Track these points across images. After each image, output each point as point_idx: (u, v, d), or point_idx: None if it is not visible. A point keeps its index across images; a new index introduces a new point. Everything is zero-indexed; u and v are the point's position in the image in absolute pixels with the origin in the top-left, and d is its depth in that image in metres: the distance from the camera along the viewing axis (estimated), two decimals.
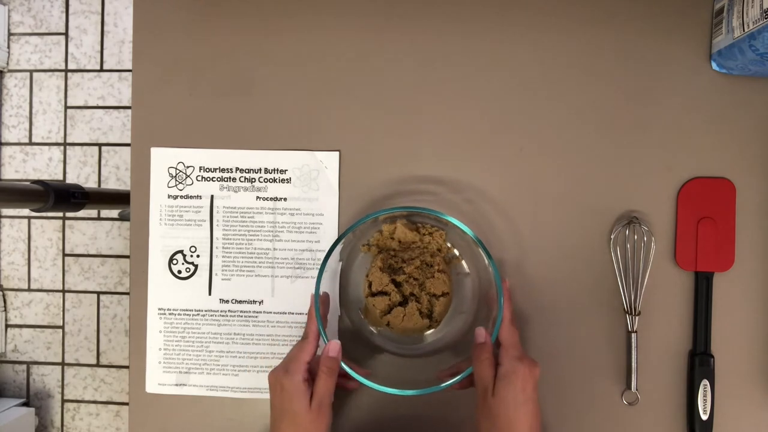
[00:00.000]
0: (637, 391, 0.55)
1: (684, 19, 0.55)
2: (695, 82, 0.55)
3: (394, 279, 0.54)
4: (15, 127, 1.49)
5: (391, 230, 0.54)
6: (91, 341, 1.48)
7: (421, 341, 0.56)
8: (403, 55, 0.58)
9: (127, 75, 1.47)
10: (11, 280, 1.49)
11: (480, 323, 0.53)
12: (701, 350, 0.54)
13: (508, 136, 0.57)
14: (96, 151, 1.47)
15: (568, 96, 0.57)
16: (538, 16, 0.57)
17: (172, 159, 0.59)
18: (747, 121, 0.55)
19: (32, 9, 1.48)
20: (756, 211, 0.55)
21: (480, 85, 0.57)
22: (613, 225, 0.56)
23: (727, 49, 0.52)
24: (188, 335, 0.59)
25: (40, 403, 1.49)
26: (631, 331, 0.55)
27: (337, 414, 0.57)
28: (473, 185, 0.57)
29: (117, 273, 1.47)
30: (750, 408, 0.55)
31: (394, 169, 0.58)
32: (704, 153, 0.55)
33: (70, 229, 1.48)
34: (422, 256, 0.54)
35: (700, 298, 0.55)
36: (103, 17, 1.48)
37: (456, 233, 0.55)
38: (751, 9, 0.46)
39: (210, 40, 0.60)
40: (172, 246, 0.59)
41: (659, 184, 0.56)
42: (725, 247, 0.55)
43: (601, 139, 0.56)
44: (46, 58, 1.48)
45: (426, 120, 0.58)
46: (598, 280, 0.56)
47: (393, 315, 0.53)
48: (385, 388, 0.49)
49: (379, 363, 0.54)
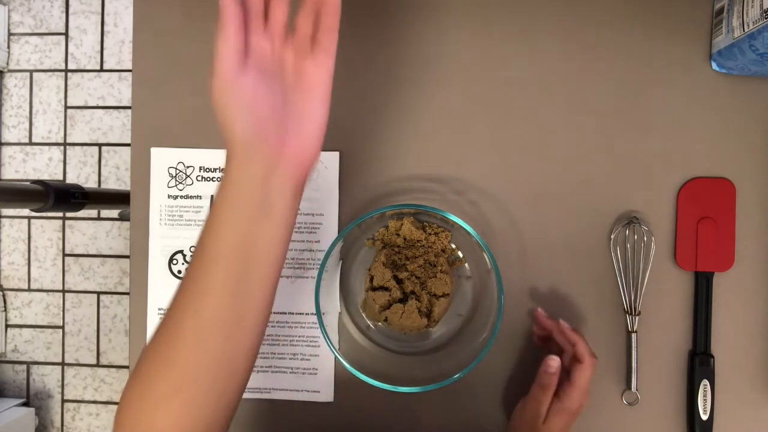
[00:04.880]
0: (637, 391, 0.55)
1: (684, 19, 0.55)
2: (695, 82, 0.55)
3: (396, 275, 0.54)
4: (15, 127, 1.49)
5: (397, 226, 0.54)
6: (91, 341, 1.48)
7: (417, 340, 0.56)
8: (403, 56, 0.58)
9: (127, 75, 1.47)
10: (11, 280, 1.49)
11: (476, 327, 0.53)
12: (701, 350, 0.54)
13: (508, 137, 0.57)
14: (96, 151, 1.47)
15: (568, 96, 0.57)
16: (537, 17, 0.57)
17: (172, 159, 0.59)
18: (747, 121, 0.55)
19: (32, 9, 1.48)
20: (756, 211, 0.55)
21: (480, 85, 0.57)
22: (613, 225, 0.56)
23: (727, 49, 0.52)
24: None
25: (40, 403, 1.49)
26: (631, 331, 0.55)
27: (330, 407, 0.57)
28: (473, 185, 0.57)
29: (117, 273, 1.47)
30: (750, 408, 0.55)
31: (394, 170, 0.58)
32: (704, 153, 0.55)
33: (70, 229, 1.48)
34: (426, 255, 0.54)
35: (700, 298, 0.55)
36: (103, 17, 1.47)
37: (460, 235, 0.55)
38: (751, 9, 0.46)
39: (210, 40, 0.59)
40: (172, 246, 0.59)
41: (659, 184, 0.56)
42: (725, 247, 0.55)
43: (601, 139, 0.56)
44: (46, 58, 1.48)
45: (426, 120, 0.58)
46: (598, 280, 0.56)
47: (392, 311, 0.53)
48: (381, 384, 0.49)
49: (373, 358, 0.54)
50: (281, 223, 0.37)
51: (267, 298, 0.38)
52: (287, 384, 0.58)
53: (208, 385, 0.36)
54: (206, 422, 0.36)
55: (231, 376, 0.37)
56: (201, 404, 0.36)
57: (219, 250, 0.36)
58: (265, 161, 0.37)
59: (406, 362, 0.55)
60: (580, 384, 0.49)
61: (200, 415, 0.36)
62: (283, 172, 0.37)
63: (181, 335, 0.36)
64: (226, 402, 0.37)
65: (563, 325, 0.51)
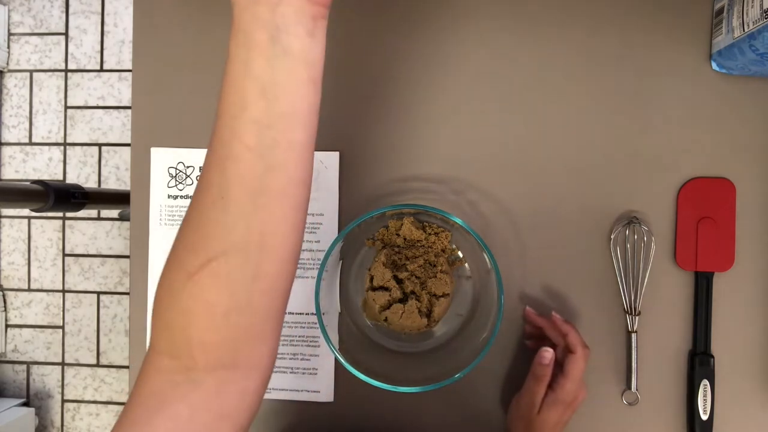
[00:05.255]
0: (637, 391, 0.55)
1: (684, 19, 0.55)
2: (695, 82, 0.55)
3: (396, 275, 0.54)
4: (15, 127, 1.49)
5: (397, 226, 0.54)
6: (91, 341, 1.48)
7: (417, 340, 0.56)
8: (403, 56, 0.58)
9: (127, 75, 1.47)
10: (11, 280, 1.49)
11: (476, 327, 0.53)
12: (701, 350, 0.54)
13: (508, 136, 0.57)
14: (96, 151, 1.47)
15: (568, 96, 0.57)
16: (537, 17, 0.57)
17: (172, 159, 0.59)
18: (747, 121, 0.55)
19: (32, 9, 1.48)
20: (756, 211, 0.55)
21: (479, 85, 0.57)
22: (613, 225, 0.56)
23: (727, 49, 0.52)
24: None
25: (40, 403, 1.49)
26: (631, 331, 0.55)
27: (330, 407, 0.57)
28: (473, 185, 0.57)
29: (117, 273, 1.47)
30: (750, 408, 0.55)
31: (394, 170, 0.58)
32: (704, 153, 0.55)
33: (70, 229, 1.48)
34: (426, 255, 0.54)
35: (700, 298, 0.55)
36: (103, 17, 1.47)
37: (460, 235, 0.55)
38: (751, 9, 0.46)
39: (210, 40, 0.60)
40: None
41: (659, 184, 0.56)
42: (725, 247, 0.55)
43: (601, 139, 0.56)
44: (46, 58, 1.48)
45: (426, 120, 0.58)
46: (598, 280, 0.56)
47: (392, 311, 0.53)
48: (381, 384, 0.49)
49: (373, 358, 0.54)
50: (301, 71, 0.32)
51: (297, 162, 0.33)
52: (287, 384, 0.58)
53: (237, 259, 0.32)
54: (240, 311, 0.33)
55: (264, 254, 0.32)
56: (232, 283, 0.32)
57: (236, 97, 0.32)
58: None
59: (406, 362, 0.55)
60: (574, 375, 0.49)
61: (232, 294, 0.32)
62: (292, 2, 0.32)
63: (209, 198, 0.32)
64: (262, 292, 0.33)
65: (555, 316, 0.52)
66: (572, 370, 0.49)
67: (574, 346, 0.49)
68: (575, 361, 0.49)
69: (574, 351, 0.49)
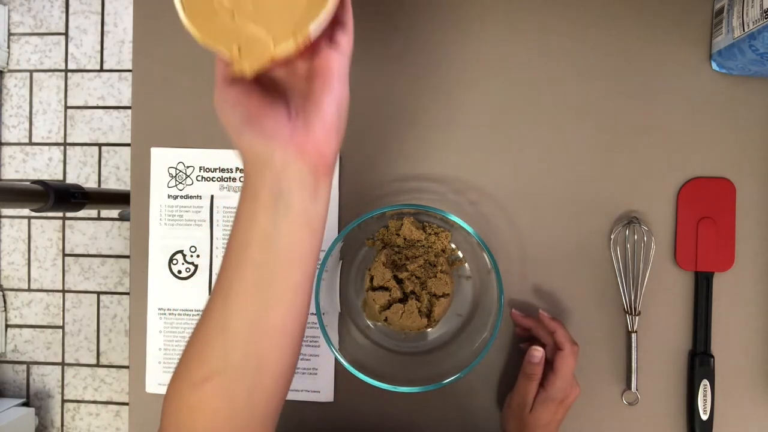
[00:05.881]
0: (637, 391, 0.55)
1: (684, 19, 0.55)
2: (695, 82, 0.55)
3: (396, 275, 0.54)
4: (15, 127, 1.49)
5: (397, 226, 0.55)
6: (91, 341, 1.48)
7: (417, 340, 0.56)
8: (403, 56, 0.58)
9: (127, 75, 1.47)
10: (11, 280, 1.49)
11: (476, 327, 0.53)
12: (701, 350, 0.54)
13: (509, 137, 0.57)
14: (96, 151, 1.47)
15: (568, 96, 0.57)
16: (537, 17, 0.57)
17: (172, 159, 0.59)
18: (747, 121, 0.55)
19: (32, 9, 1.48)
20: (756, 211, 0.55)
21: (479, 85, 0.57)
22: (613, 225, 0.56)
23: (727, 49, 0.52)
24: (188, 335, 0.59)
25: (40, 403, 1.49)
26: (631, 331, 0.55)
27: (330, 407, 0.57)
28: (473, 186, 0.57)
29: (117, 273, 1.47)
30: (750, 408, 0.55)
31: (394, 170, 0.58)
32: (704, 153, 0.55)
33: (70, 229, 1.48)
34: (426, 255, 0.54)
35: (700, 298, 0.55)
36: (103, 17, 1.47)
37: (460, 235, 0.55)
38: (751, 9, 0.46)
39: None
40: (172, 246, 0.59)
41: (659, 184, 0.56)
42: (725, 247, 0.55)
43: (601, 139, 0.56)
44: (46, 58, 1.48)
45: (426, 120, 0.58)
46: (598, 280, 0.56)
47: (392, 311, 0.53)
48: (381, 384, 0.49)
49: (373, 358, 0.54)
50: (301, 222, 0.36)
51: (293, 299, 0.37)
52: None
53: (236, 377, 0.36)
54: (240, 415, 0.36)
55: (260, 373, 0.36)
56: (231, 395, 0.36)
57: (242, 241, 0.36)
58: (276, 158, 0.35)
59: (406, 362, 0.55)
60: (563, 372, 0.49)
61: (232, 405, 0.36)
62: (298, 166, 0.35)
63: (212, 322, 0.37)
64: (259, 400, 0.37)
65: (543, 314, 0.52)
66: (561, 367, 0.49)
67: (562, 343, 0.49)
68: (564, 358, 0.49)
69: (562, 348, 0.49)
